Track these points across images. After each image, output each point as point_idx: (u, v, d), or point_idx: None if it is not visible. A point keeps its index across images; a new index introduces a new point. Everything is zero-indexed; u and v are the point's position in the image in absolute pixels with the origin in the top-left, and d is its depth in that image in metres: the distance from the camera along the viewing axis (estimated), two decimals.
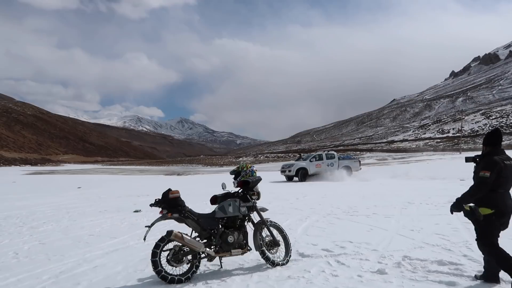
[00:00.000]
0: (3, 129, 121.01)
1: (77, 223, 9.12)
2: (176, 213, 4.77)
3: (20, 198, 15.67)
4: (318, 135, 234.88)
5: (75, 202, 13.84)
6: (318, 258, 5.54)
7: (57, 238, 7.43)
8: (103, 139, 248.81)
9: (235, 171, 5.36)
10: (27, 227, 8.66)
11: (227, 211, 5.05)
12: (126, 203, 12.96)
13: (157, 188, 20.37)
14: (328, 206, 10.60)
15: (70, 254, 6.10)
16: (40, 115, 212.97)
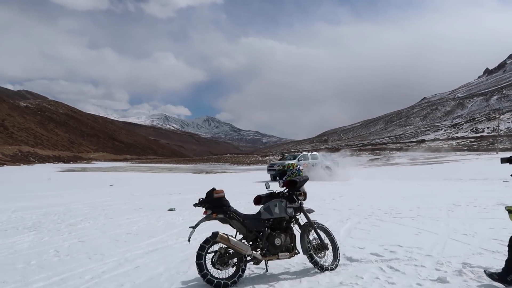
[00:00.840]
0: (37, 127, 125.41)
1: (113, 221, 9.11)
2: (221, 214, 4.54)
3: (56, 195, 16.01)
4: (346, 134, 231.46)
5: (109, 199, 13.95)
6: (368, 263, 5.20)
7: (95, 236, 7.39)
8: (132, 137, 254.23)
9: (280, 170, 5.11)
10: (65, 224, 8.71)
11: (273, 212, 4.79)
12: (160, 201, 12.94)
13: (188, 187, 20.42)
14: (368, 207, 10.18)
15: (110, 253, 6.00)
16: (72, 114, 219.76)
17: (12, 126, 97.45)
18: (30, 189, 19.47)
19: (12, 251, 6.30)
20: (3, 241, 7.01)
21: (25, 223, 8.96)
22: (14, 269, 5.30)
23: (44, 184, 24.01)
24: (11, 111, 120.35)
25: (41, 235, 7.57)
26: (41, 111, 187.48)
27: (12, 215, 10.21)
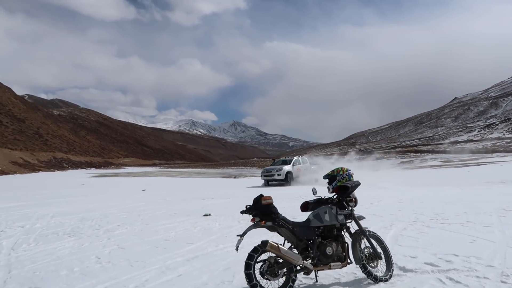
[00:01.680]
0: (70, 134, 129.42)
1: (150, 226, 9.06)
2: (270, 221, 4.32)
3: (90, 200, 16.25)
4: (374, 136, 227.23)
5: (143, 204, 14.01)
6: (424, 273, 4.85)
7: (134, 242, 7.33)
8: (160, 142, 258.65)
9: (329, 175, 4.83)
10: (103, 230, 8.72)
11: (323, 220, 4.53)
12: (193, 206, 12.88)
13: (219, 191, 20.35)
14: (410, 212, 9.72)
15: (151, 261, 5.89)
16: (103, 121, 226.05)
17: (46, 134, 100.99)
18: (65, 195, 19.90)
19: (55, 257, 6.30)
20: (45, 247, 7.05)
21: (64, 228, 9.04)
22: (58, 276, 5.26)
23: (78, 190, 24.53)
24: (46, 119, 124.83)
25: (81, 241, 7.58)
26: (73, 118, 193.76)
27: (51, 220, 10.36)
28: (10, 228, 9.14)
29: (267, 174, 23.98)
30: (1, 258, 6.33)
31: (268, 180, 24.07)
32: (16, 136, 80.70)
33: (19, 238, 7.96)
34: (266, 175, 23.97)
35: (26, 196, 19.08)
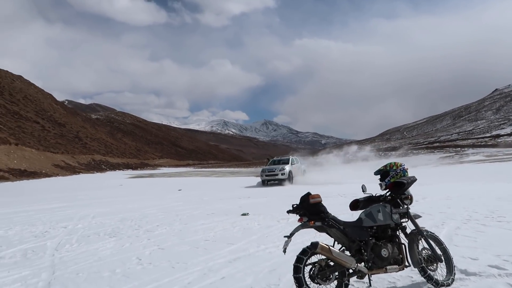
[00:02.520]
0: (108, 137, 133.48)
1: (189, 226, 8.96)
2: (319, 221, 4.02)
3: (129, 201, 16.46)
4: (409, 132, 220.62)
5: (180, 204, 14.02)
6: (490, 277, 4.40)
7: (174, 243, 7.22)
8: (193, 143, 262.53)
9: (381, 171, 4.47)
10: (143, 230, 8.70)
11: (377, 219, 4.18)
12: (230, 206, 12.74)
13: (254, 190, 20.15)
14: (461, 209, 9.12)
15: (193, 262, 5.73)
16: (138, 123, 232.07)
17: (85, 137, 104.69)
18: (105, 195, 20.33)
19: (97, 258, 6.28)
20: (87, 248, 7.06)
21: (105, 229, 9.10)
22: (101, 277, 5.20)
23: (117, 190, 25.05)
24: (84, 123, 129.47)
25: (121, 241, 7.56)
26: (110, 122, 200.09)
27: (92, 221, 10.49)
28: (54, 229, 9.30)
29: (270, 174, 23.23)
30: (45, 259, 6.37)
31: (271, 179, 23.35)
32: (57, 140, 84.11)
33: (62, 238, 8.06)
34: (269, 174, 23.24)
35: (69, 197, 19.64)
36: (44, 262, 6.16)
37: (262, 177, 23.51)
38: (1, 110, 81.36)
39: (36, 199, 18.82)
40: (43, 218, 11.29)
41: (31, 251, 6.97)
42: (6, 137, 59.38)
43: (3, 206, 15.42)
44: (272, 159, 26.49)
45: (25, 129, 77.83)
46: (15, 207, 14.95)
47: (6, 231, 9.24)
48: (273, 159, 26.34)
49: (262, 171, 23.82)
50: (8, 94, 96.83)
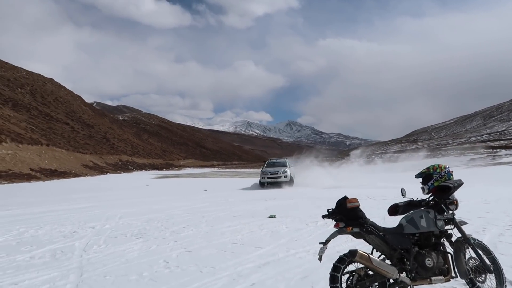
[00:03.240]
0: (134, 138, 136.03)
1: (215, 228, 8.82)
2: (357, 227, 3.76)
3: (155, 201, 16.51)
4: (437, 133, 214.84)
5: (206, 205, 13.94)
6: None
7: (201, 245, 7.08)
8: (217, 144, 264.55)
9: (423, 173, 4.17)
10: (170, 232, 8.62)
11: (419, 225, 3.88)
12: (257, 207, 12.55)
13: (280, 192, 19.89)
14: (501, 214, 8.61)
15: (221, 267, 5.56)
16: (163, 124, 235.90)
17: (113, 138, 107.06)
18: (132, 196, 20.54)
19: (124, 260, 6.20)
20: (114, 249, 7.02)
21: (131, 229, 9.07)
22: (128, 281, 5.10)
23: (143, 191, 25.31)
24: (112, 124, 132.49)
25: (148, 243, 7.49)
26: (136, 123, 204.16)
27: (119, 221, 10.51)
28: (82, 229, 9.36)
29: (273, 176, 22.76)
30: (73, 259, 6.35)
31: (274, 182, 22.84)
32: (86, 141, 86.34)
33: (90, 239, 8.06)
34: (271, 177, 22.74)
35: (97, 197, 19.95)
36: (72, 263, 6.13)
37: (264, 179, 22.86)
38: (34, 112, 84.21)
39: (66, 198, 19.19)
40: (72, 218, 11.42)
41: (60, 251, 6.98)
42: (38, 138, 61.35)
43: (35, 205, 15.77)
44: (267, 162, 25.91)
45: (56, 130, 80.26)
46: (46, 206, 15.25)
47: (36, 230, 9.36)
48: (269, 162, 25.77)
49: (264, 173, 23.13)
50: (40, 96, 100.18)
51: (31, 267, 5.96)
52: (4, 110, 71.39)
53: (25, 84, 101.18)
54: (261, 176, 22.91)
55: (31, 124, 72.40)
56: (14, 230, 9.37)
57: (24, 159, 46.19)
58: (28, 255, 6.74)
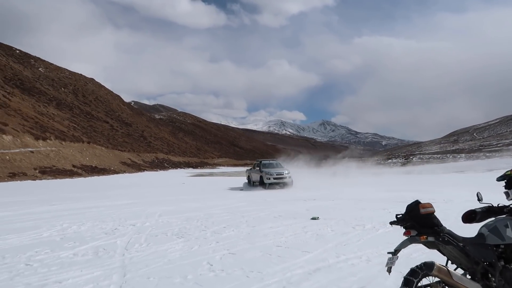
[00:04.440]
0: (170, 136, 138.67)
1: (257, 229, 8.51)
2: (432, 236, 3.30)
3: (192, 200, 16.46)
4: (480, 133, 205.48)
5: (244, 205, 13.69)
6: None
7: (244, 247, 6.78)
8: (251, 143, 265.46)
9: (507, 176, 3.64)
10: (210, 232, 8.39)
11: (505, 236, 3.36)
12: (297, 208, 12.16)
13: (317, 192, 19.36)
14: None
15: (268, 272, 5.23)
16: (198, 123, 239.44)
17: (149, 136, 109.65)
18: (169, 193, 20.66)
19: (166, 260, 6.00)
20: (156, 249, 6.85)
21: (172, 228, 8.93)
22: (172, 284, 4.86)
23: (180, 188, 25.47)
24: (149, 123, 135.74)
25: (189, 243, 7.28)
26: (172, 122, 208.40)
27: (159, 219, 10.43)
28: (123, 226, 9.32)
29: (278, 177, 22.32)
30: (116, 258, 6.22)
31: (279, 183, 22.46)
32: (124, 139, 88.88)
33: (132, 237, 7.97)
34: (277, 178, 22.29)
35: (135, 194, 20.22)
36: (115, 262, 5.99)
37: (269, 179, 22.23)
38: (76, 111, 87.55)
39: (106, 195, 19.56)
40: (112, 214, 11.47)
41: (102, 249, 6.90)
42: (80, 136, 63.65)
43: (77, 201, 16.11)
44: (261, 162, 25.07)
45: (96, 128, 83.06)
46: (87, 202, 15.55)
47: (79, 226, 9.42)
48: (263, 162, 24.99)
49: (268, 174, 22.41)
50: (82, 96, 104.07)
51: (74, 264, 5.88)
52: (49, 109, 74.66)
53: (68, 84, 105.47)
54: (265, 176, 22.35)
55: (73, 122, 75.30)
56: (58, 226, 9.47)
57: (66, 155, 47.96)
58: (71, 252, 6.69)
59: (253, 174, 24.11)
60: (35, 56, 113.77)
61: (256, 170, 23.57)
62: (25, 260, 6.20)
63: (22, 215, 11.62)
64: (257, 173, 23.26)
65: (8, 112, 52.29)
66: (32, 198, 17.98)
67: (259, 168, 23.28)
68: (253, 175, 23.92)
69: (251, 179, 24.24)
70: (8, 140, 41.85)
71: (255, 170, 23.86)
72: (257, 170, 23.41)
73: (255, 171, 23.82)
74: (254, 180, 23.78)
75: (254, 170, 24.03)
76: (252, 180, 23.97)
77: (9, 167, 35.94)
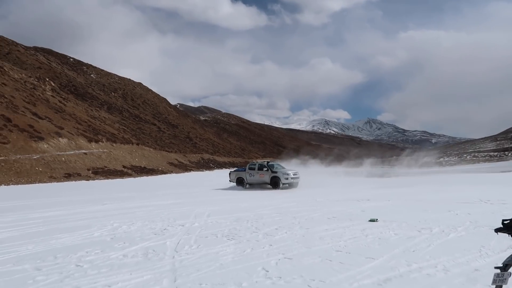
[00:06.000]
0: (215, 137, 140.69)
1: (311, 232, 7.94)
2: None
3: (239, 200, 16.11)
4: None
5: (294, 205, 13.14)
6: None
7: (300, 251, 6.25)
8: (295, 142, 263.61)
9: None
10: (262, 234, 7.93)
11: None
12: (351, 209, 11.42)
13: (371, 192, 18.38)
14: None
15: (332, 281, 4.67)
16: (242, 124, 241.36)
17: (195, 137, 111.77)
18: (216, 193, 20.52)
19: (218, 265, 5.61)
20: (207, 251, 6.49)
21: (221, 229, 8.58)
22: None
23: (226, 188, 25.31)
24: (194, 124, 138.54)
25: (241, 245, 6.86)
26: (216, 123, 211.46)
27: (208, 219, 10.15)
28: (172, 226, 9.11)
29: (295, 176, 22.57)
30: (166, 261, 5.92)
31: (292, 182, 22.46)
32: (171, 140, 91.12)
33: (181, 238, 7.69)
34: (294, 177, 22.41)
35: (183, 194, 20.28)
36: (165, 265, 5.69)
37: (287, 179, 22.23)
38: (125, 114, 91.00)
39: (155, 195, 19.75)
40: (161, 214, 11.36)
41: (152, 250, 6.65)
42: (129, 138, 65.91)
43: (127, 200, 16.32)
44: (268, 163, 24.30)
45: (144, 130, 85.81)
46: (137, 202, 15.69)
47: (129, 226, 9.32)
48: (270, 164, 24.24)
49: (285, 174, 22.41)
50: (131, 99, 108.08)
51: (124, 266, 5.64)
52: (100, 113, 78.09)
53: (117, 89, 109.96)
54: (283, 176, 22.29)
55: (123, 125, 78.22)
56: (109, 225, 9.43)
57: (117, 157, 49.72)
58: (121, 253, 6.50)
59: (254, 175, 23.57)
60: (87, 63, 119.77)
61: (265, 171, 23.17)
62: (76, 260, 6.06)
63: (75, 214, 11.81)
64: (265, 174, 22.98)
65: (64, 117, 55.12)
66: (85, 197, 18.50)
67: (268, 169, 23.10)
68: (254, 177, 23.50)
69: (245, 181, 23.85)
70: (63, 142, 44.02)
71: (258, 171, 23.42)
72: (266, 171, 23.09)
73: (257, 172, 23.43)
74: (255, 182, 23.56)
75: (256, 171, 23.54)
76: (247, 182, 23.74)
77: (65, 168, 37.71)
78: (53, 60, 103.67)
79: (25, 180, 31.21)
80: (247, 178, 23.75)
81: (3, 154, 34.14)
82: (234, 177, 24.64)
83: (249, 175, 23.67)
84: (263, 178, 23.03)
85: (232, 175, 25.00)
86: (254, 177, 23.47)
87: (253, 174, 23.50)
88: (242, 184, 23.99)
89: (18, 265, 5.86)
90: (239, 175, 24.41)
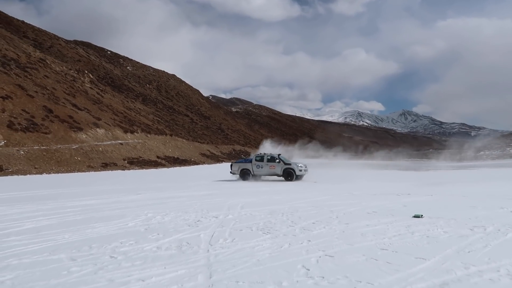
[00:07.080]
0: (246, 129, 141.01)
1: (351, 227, 7.50)
2: None
3: (273, 191, 15.82)
4: None
5: (329, 198, 12.69)
6: None
7: (342, 248, 5.85)
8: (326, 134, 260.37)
9: None
10: (299, 228, 7.57)
11: None
12: (392, 203, 10.85)
13: (409, 186, 17.62)
14: None
15: (381, 283, 4.26)
16: (273, 115, 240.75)
17: (227, 129, 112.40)
18: (248, 185, 20.32)
19: (255, 261, 5.31)
20: (242, 245, 6.22)
21: (256, 222, 8.29)
22: None
23: (258, 181, 25.06)
24: (226, 116, 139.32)
25: (277, 240, 6.54)
26: (248, 114, 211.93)
27: (241, 211, 9.90)
28: (205, 218, 8.92)
29: (306, 168, 23.23)
30: (200, 255, 5.69)
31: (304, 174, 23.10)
32: (203, 131, 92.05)
33: (215, 230, 7.46)
34: (306, 169, 23.20)
35: (215, 184, 20.23)
36: (200, 259, 5.45)
37: (301, 171, 22.67)
38: (159, 105, 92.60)
39: (188, 185, 19.80)
40: (194, 205, 11.23)
41: (186, 242, 6.45)
42: (163, 129, 67.02)
43: (161, 190, 16.41)
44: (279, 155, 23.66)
45: (178, 122, 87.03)
46: (170, 192, 15.73)
47: (162, 216, 9.21)
48: (272, 155, 23.54)
49: (299, 166, 22.70)
50: (165, 91, 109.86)
51: (158, 259, 5.45)
52: (136, 104, 79.83)
53: (152, 81, 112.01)
54: (297, 168, 22.52)
55: (157, 116, 79.63)
56: (143, 215, 9.37)
57: (151, 147, 50.63)
58: (155, 245, 6.33)
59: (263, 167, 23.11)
60: (124, 56, 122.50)
61: (277, 163, 22.82)
62: (110, 251, 5.94)
63: (110, 203, 11.90)
64: (277, 165, 22.71)
65: (101, 108, 56.64)
66: (120, 187, 18.79)
67: (279, 161, 22.85)
68: (263, 168, 23.07)
69: (251, 172, 23.24)
70: (101, 133, 45.24)
71: (268, 163, 22.98)
72: (277, 163, 22.79)
73: (266, 164, 23.00)
74: (264, 174, 23.26)
75: (265, 163, 23.05)
76: (254, 173, 23.23)
77: (102, 158, 38.74)
78: (92, 53, 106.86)
79: (65, 169, 32.28)
80: (254, 169, 23.27)
81: (45, 144, 35.46)
82: (237, 169, 23.85)
83: (256, 166, 23.19)
84: (274, 170, 22.73)
85: (234, 166, 24.21)
86: (263, 169, 23.05)
87: (262, 166, 23.04)
88: (246, 176, 23.40)
89: (54, 255, 5.80)
90: (243, 166, 23.77)
